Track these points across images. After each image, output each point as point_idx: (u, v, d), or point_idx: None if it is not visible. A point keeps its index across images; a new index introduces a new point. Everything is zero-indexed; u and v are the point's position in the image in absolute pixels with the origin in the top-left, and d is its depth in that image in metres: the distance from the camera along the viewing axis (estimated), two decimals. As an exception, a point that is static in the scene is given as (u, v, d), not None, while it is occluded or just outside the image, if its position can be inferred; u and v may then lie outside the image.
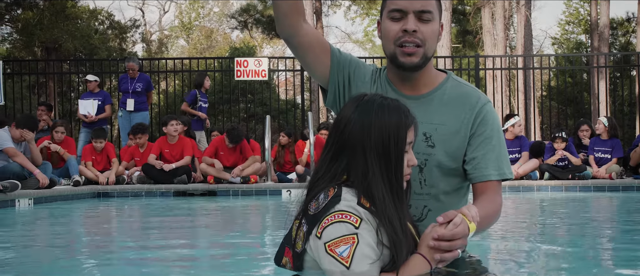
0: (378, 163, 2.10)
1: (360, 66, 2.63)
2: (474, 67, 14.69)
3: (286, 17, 2.45)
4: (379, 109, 2.14)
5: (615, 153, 10.68)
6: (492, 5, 22.36)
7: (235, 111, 18.44)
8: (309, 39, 2.52)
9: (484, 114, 2.54)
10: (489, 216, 2.41)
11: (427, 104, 2.54)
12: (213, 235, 4.84)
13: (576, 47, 34.31)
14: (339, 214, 2.04)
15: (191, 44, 42.57)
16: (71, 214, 7.04)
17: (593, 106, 19.70)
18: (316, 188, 2.15)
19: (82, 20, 24.71)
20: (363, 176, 2.10)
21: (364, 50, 42.15)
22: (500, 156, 2.54)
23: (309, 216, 2.11)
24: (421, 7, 2.42)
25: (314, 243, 2.07)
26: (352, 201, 2.07)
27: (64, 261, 3.43)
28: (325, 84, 2.63)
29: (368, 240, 2.02)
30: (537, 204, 7.81)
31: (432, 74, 2.59)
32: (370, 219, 2.05)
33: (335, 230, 2.03)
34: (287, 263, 2.21)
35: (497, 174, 2.52)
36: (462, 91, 2.57)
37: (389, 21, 2.47)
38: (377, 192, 2.08)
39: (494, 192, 2.51)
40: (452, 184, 2.56)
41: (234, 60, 14.13)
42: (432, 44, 2.48)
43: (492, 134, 2.53)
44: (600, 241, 4.04)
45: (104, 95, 12.32)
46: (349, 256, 1.99)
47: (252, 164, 10.46)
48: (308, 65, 2.60)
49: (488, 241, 3.80)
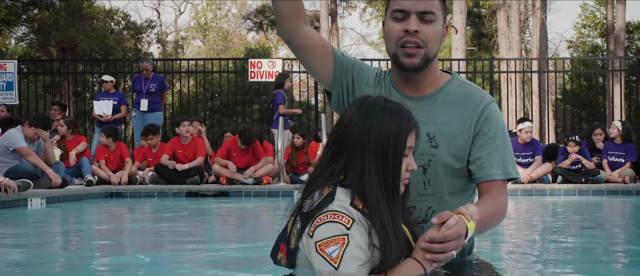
0: (375, 165, 2.11)
1: (363, 69, 2.62)
2: (488, 70, 14.64)
3: (286, 19, 2.45)
4: (381, 111, 2.15)
5: (629, 157, 10.61)
6: (507, 8, 22.26)
7: (249, 111, 18.48)
8: (310, 42, 2.51)
9: (487, 113, 2.52)
10: (490, 215, 2.39)
11: (430, 105, 2.53)
12: (224, 236, 4.86)
13: (592, 51, 34.08)
14: (331, 214, 2.05)
15: (207, 45, 42.71)
16: (83, 214, 7.08)
17: (608, 110, 19.56)
18: (313, 185, 2.17)
19: (98, 20, 24.87)
20: (359, 176, 2.11)
21: (379, 52, 42.11)
22: (505, 156, 2.52)
23: (303, 214, 2.13)
24: (424, 8, 2.41)
25: (306, 241, 2.09)
26: (345, 201, 2.08)
27: (75, 262, 3.45)
28: (329, 87, 2.62)
29: (358, 241, 2.02)
30: (549, 207, 7.77)
31: (436, 74, 2.58)
32: (362, 220, 2.05)
33: (326, 229, 2.04)
34: (282, 259, 2.22)
35: (501, 173, 2.50)
36: (466, 91, 2.56)
37: (391, 21, 2.46)
38: (371, 193, 2.08)
39: (498, 191, 2.49)
40: (457, 185, 2.55)
41: (248, 61, 14.16)
42: (434, 45, 2.47)
43: (496, 134, 2.52)
44: (612, 246, 4.01)
45: (119, 95, 12.40)
46: (338, 257, 2.00)
47: (264, 165, 10.47)
48: (310, 68, 2.59)
49: (498, 244, 3.78)
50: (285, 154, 10.93)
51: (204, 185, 10.20)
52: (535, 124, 19.82)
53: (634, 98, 20.25)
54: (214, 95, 19.73)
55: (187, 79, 20.50)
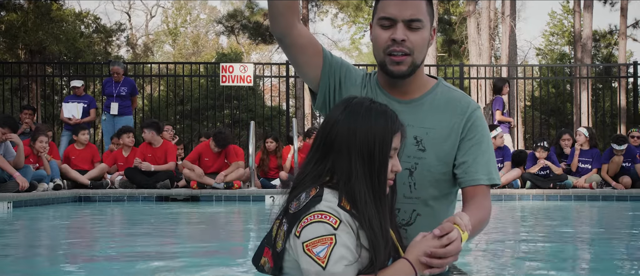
0: (362, 166, 2.11)
1: (351, 70, 2.62)
2: (458, 76, 14.77)
3: (281, 16, 2.42)
4: (367, 112, 2.15)
5: (595, 163, 10.77)
6: (477, 15, 22.50)
7: (220, 116, 18.41)
8: (302, 40, 2.49)
9: (474, 119, 2.54)
10: (480, 222, 2.42)
11: (418, 108, 2.54)
12: (194, 240, 4.83)
13: (560, 58, 34.57)
14: (318, 214, 2.05)
15: (177, 48, 42.45)
16: (51, 219, 6.99)
17: (575, 117, 19.84)
18: (300, 187, 2.16)
19: (67, 23, 24.58)
20: (346, 178, 2.11)
21: (350, 58, 42.22)
22: (490, 161, 2.54)
23: (289, 215, 2.13)
24: (410, 16, 2.42)
25: (293, 242, 2.08)
26: (332, 202, 2.08)
27: (42, 267, 3.41)
28: (315, 86, 2.60)
29: (346, 241, 2.03)
30: (518, 212, 7.86)
31: (423, 79, 2.59)
32: (350, 221, 2.06)
33: (313, 229, 2.04)
34: (266, 264, 2.20)
35: (486, 178, 2.51)
36: (453, 95, 2.58)
37: (378, 28, 2.46)
38: (359, 194, 2.09)
39: (483, 197, 2.51)
40: (441, 189, 2.55)
41: (220, 65, 14.11)
42: (421, 52, 2.48)
43: (482, 139, 2.54)
44: (580, 250, 4.07)
45: (89, 99, 12.28)
46: (325, 257, 2.00)
47: (235, 169, 10.44)
48: (299, 66, 2.57)
49: (471, 250, 3.82)
50: (256, 159, 10.91)
51: (175, 189, 10.13)
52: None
53: (600, 105, 20.58)
54: (185, 99, 19.60)
55: (157, 83, 20.35)
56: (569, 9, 35.29)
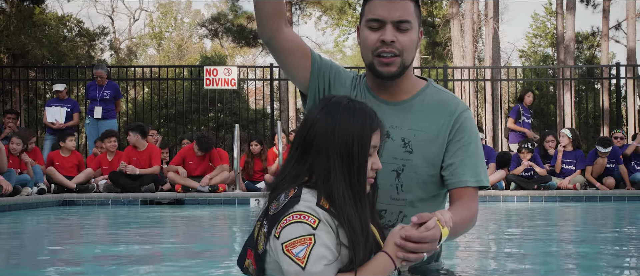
0: (341, 164, 2.11)
1: (340, 72, 2.62)
2: (442, 78, 14.82)
3: (268, 19, 2.42)
4: (345, 111, 2.15)
5: (579, 164, 10.85)
6: (461, 17, 22.60)
7: (204, 120, 18.34)
8: (290, 43, 2.49)
9: (462, 120, 2.54)
10: (463, 221, 2.41)
11: (406, 110, 2.54)
12: (178, 243, 4.82)
13: (543, 60, 34.81)
14: (297, 214, 2.05)
15: (162, 52, 42.30)
16: (35, 223, 6.94)
17: (559, 118, 19.97)
18: (279, 188, 2.16)
19: (50, 26, 24.43)
20: (325, 177, 2.11)
21: (334, 60, 42.18)
22: (478, 164, 2.54)
23: (269, 217, 2.12)
24: (399, 17, 2.42)
25: (273, 243, 2.08)
26: (311, 201, 2.07)
27: (26, 271, 3.39)
28: (304, 89, 2.60)
29: (325, 240, 2.02)
30: (503, 213, 7.89)
31: (412, 81, 2.59)
32: (329, 220, 2.05)
33: (292, 230, 2.03)
34: (250, 265, 2.21)
35: (474, 180, 2.51)
36: (441, 97, 2.58)
37: (367, 30, 2.46)
38: (337, 193, 2.08)
39: (470, 198, 2.50)
40: (429, 191, 2.55)
41: (204, 68, 14.08)
42: (410, 53, 2.48)
43: (470, 141, 2.54)
44: (564, 251, 4.10)
45: (72, 103, 12.21)
46: (304, 257, 2.00)
47: (220, 172, 10.42)
48: (288, 69, 2.56)
49: (458, 250, 3.83)
50: (241, 162, 10.89)
51: (159, 193, 10.09)
52: (488, 132, 20.14)
53: (584, 107, 20.73)
54: (169, 103, 19.53)
55: (141, 87, 20.28)
56: (551, 11, 35.55)
